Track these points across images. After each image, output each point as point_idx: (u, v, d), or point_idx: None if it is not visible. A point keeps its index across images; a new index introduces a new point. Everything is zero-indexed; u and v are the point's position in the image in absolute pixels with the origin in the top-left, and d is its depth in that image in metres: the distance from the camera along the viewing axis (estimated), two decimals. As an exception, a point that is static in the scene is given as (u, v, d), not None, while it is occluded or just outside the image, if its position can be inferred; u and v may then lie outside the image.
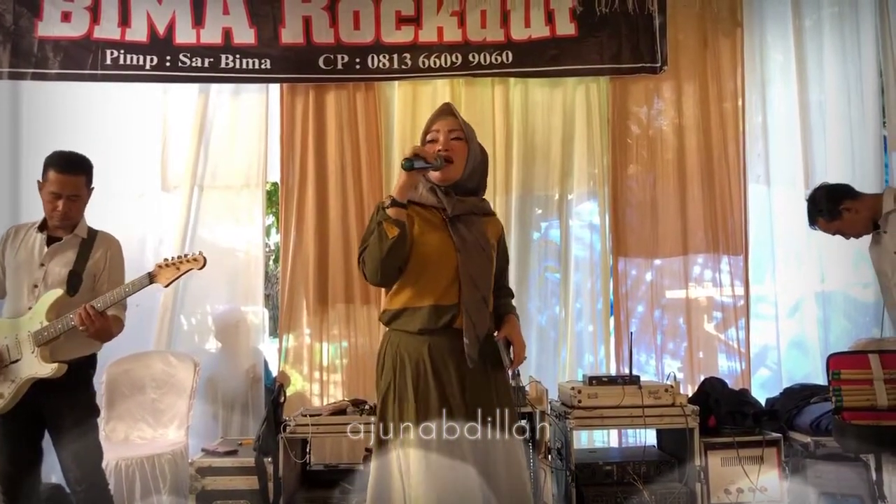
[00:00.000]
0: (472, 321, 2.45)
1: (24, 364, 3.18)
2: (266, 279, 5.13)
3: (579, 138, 4.96)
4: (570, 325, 4.89)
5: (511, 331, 2.61)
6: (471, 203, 2.62)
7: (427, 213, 2.57)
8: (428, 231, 2.53)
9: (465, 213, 2.58)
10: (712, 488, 3.82)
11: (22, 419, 3.22)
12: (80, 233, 3.36)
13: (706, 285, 4.93)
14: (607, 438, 4.79)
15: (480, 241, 2.55)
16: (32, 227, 3.38)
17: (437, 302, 2.49)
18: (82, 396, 3.32)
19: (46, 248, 3.31)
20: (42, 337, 3.16)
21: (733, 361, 4.80)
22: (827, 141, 4.91)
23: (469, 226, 2.56)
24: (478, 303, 2.48)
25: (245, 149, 4.92)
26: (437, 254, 2.50)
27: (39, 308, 3.19)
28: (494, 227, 2.71)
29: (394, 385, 2.49)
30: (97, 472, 3.31)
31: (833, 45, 5.00)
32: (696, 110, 4.93)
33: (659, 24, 4.84)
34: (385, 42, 4.83)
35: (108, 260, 3.37)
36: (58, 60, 4.72)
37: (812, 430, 3.94)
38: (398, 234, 2.39)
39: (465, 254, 2.50)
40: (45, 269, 3.28)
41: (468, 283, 2.48)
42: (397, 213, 2.42)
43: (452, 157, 2.55)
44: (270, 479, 3.82)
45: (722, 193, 4.87)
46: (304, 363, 4.82)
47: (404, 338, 2.53)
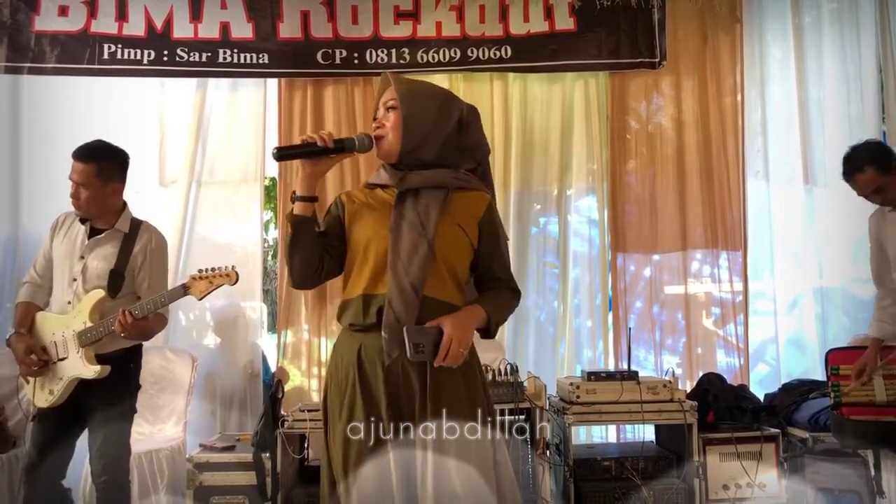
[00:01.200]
0: (393, 312, 2.08)
1: (70, 363, 3.16)
2: (265, 275, 5.12)
3: (578, 134, 4.96)
4: (569, 320, 4.89)
5: (448, 320, 2.12)
6: (431, 175, 2.24)
7: (385, 195, 2.28)
8: (368, 212, 2.25)
9: (423, 187, 2.22)
10: (710, 484, 3.82)
11: (61, 415, 3.21)
12: (121, 227, 3.29)
13: (705, 281, 4.93)
14: (605, 434, 4.79)
15: (423, 218, 2.16)
16: (77, 216, 3.33)
17: (367, 291, 2.17)
18: (122, 392, 3.27)
19: (87, 241, 3.27)
20: (87, 338, 3.12)
21: (732, 357, 4.80)
22: (826, 137, 4.91)
23: (419, 200, 2.19)
24: (403, 289, 2.09)
25: (243, 144, 4.91)
26: (369, 237, 2.20)
27: (83, 307, 3.16)
28: (473, 203, 2.28)
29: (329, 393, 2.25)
30: (120, 468, 3.26)
31: (832, 41, 5.00)
32: (695, 106, 4.92)
33: (658, 20, 4.83)
34: (383, 37, 4.82)
35: (147, 255, 3.28)
36: (54, 55, 4.70)
37: (810, 425, 3.95)
38: (293, 231, 2.18)
39: (395, 234, 2.15)
40: (83, 263, 3.23)
41: (395, 267, 2.11)
42: (301, 207, 2.18)
43: (383, 132, 2.23)
44: (268, 474, 3.81)
45: (721, 189, 4.86)
46: (303, 359, 4.82)
47: (343, 337, 2.26)
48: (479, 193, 2.31)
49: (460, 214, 2.23)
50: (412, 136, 2.21)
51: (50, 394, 3.19)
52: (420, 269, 2.12)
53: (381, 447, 2.09)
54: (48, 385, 3.20)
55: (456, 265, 2.22)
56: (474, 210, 2.27)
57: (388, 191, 2.27)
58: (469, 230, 2.24)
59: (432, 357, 2.08)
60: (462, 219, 2.23)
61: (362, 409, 2.12)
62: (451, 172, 2.27)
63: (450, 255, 2.20)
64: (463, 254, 2.24)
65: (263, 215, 5.04)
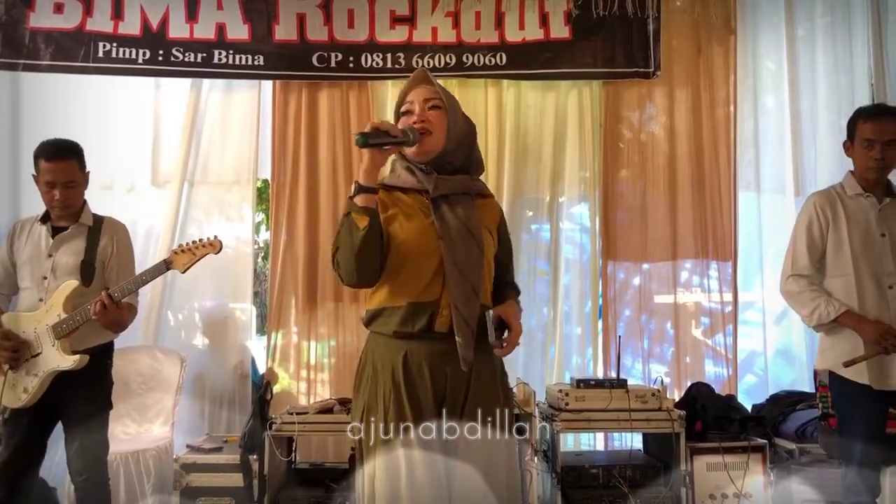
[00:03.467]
0: (462, 317, 2.11)
1: (46, 357, 3.15)
2: (255, 276, 5.11)
3: (571, 141, 4.97)
4: (559, 326, 4.89)
5: (508, 311, 2.23)
6: (459, 182, 2.26)
7: (407, 198, 2.25)
8: (405, 218, 2.21)
9: (453, 193, 2.23)
10: (697, 493, 3.83)
11: (34, 413, 3.20)
12: (85, 221, 3.34)
13: (694, 290, 4.94)
14: (593, 442, 4.80)
15: (469, 224, 2.19)
16: (35, 220, 3.36)
17: (416, 299, 2.16)
18: (97, 388, 3.29)
19: (52, 239, 3.29)
20: (62, 329, 3.13)
21: (720, 367, 4.81)
22: (817, 149, 4.93)
23: (455, 207, 2.21)
24: (468, 295, 2.13)
25: (236, 145, 4.90)
26: (417, 243, 2.17)
27: (56, 300, 3.17)
28: (491, 210, 2.36)
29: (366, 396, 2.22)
30: (99, 465, 3.28)
31: (825, 54, 5.03)
32: (688, 116, 4.94)
33: (653, 30, 4.85)
34: (379, 41, 4.83)
35: (115, 245, 3.35)
36: (49, 52, 4.68)
37: (797, 436, 3.97)
38: (369, 224, 2.07)
39: (448, 240, 2.15)
40: (52, 260, 3.26)
41: (455, 274, 2.13)
42: (365, 199, 2.10)
43: (430, 128, 2.22)
44: (255, 476, 3.80)
45: (712, 199, 4.88)
46: (292, 361, 4.81)
47: (381, 342, 2.23)
48: (494, 200, 2.41)
49: (486, 220, 2.30)
50: (453, 137, 2.26)
51: (24, 392, 3.16)
52: (478, 274, 2.18)
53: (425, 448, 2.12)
54: (21, 383, 3.18)
55: (492, 268, 2.30)
56: (494, 216, 2.37)
57: (412, 196, 2.26)
58: (494, 236, 2.33)
59: (502, 343, 2.19)
60: (489, 224, 2.32)
61: (409, 412, 2.14)
62: (471, 179, 2.34)
63: (490, 259, 2.29)
64: (492, 255, 2.31)
65: (255, 217, 5.03)
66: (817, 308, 3.17)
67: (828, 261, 3.26)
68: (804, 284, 3.24)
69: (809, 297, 3.21)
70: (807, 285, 3.24)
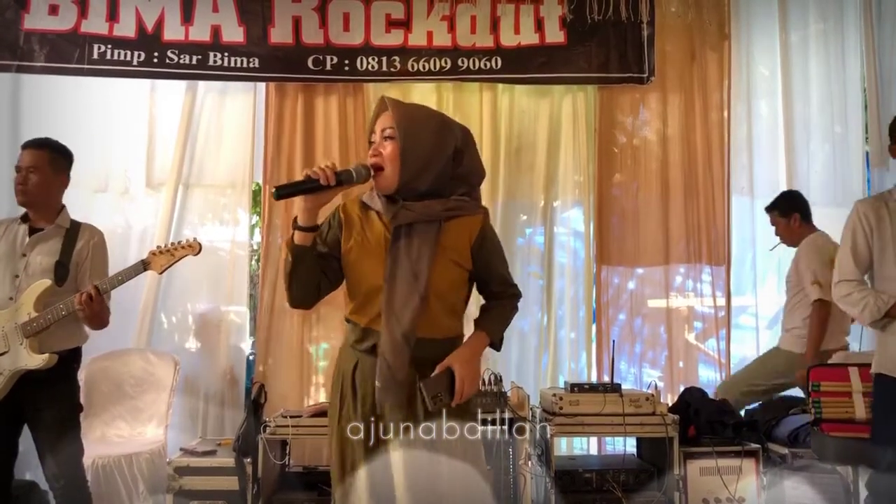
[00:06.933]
0: (387, 363, 2.15)
1: (12, 356, 3.12)
2: (250, 280, 5.09)
3: (565, 146, 4.99)
4: (553, 331, 4.90)
5: (457, 360, 2.21)
6: (423, 208, 2.22)
7: (377, 223, 2.29)
8: (363, 252, 2.26)
9: (417, 221, 2.22)
10: (691, 497, 3.83)
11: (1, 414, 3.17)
12: (62, 223, 3.33)
13: (688, 295, 4.95)
14: (587, 446, 4.80)
15: (416, 267, 2.18)
16: (14, 220, 3.35)
17: (367, 325, 2.25)
18: (65, 391, 3.26)
19: (28, 239, 3.28)
20: (31, 328, 3.11)
21: (713, 372, 4.83)
22: (810, 155, 4.97)
23: (413, 241, 2.21)
24: (396, 344, 2.14)
25: (231, 148, 4.90)
26: (368, 279, 2.24)
27: (27, 298, 3.15)
28: (465, 229, 2.28)
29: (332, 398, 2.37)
30: (76, 468, 3.25)
31: (818, 60, 5.07)
32: (682, 121, 4.97)
33: (647, 35, 4.87)
34: (374, 44, 4.83)
35: (90, 249, 3.32)
36: (44, 53, 4.67)
37: (790, 441, 3.97)
38: (293, 262, 2.20)
39: (390, 285, 2.18)
40: (26, 259, 3.24)
41: (389, 321, 2.16)
42: (302, 237, 2.19)
43: (381, 163, 2.21)
44: (249, 479, 3.79)
45: (706, 204, 4.90)
46: (284, 364, 4.78)
47: (346, 349, 2.35)
48: (470, 218, 2.31)
49: (452, 248, 2.26)
50: (409, 168, 2.21)
51: None
52: (411, 321, 2.16)
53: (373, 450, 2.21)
54: None
55: (451, 298, 2.30)
56: (466, 237, 2.29)
57: (382, 220, 2.28)
58: (463, 260, 2.29)
59: (450, 399, 2.17)
60: (455, 252, 2.26)
61: (358, 415, 2.24)
62: (443, 203, 2.26)
63: (444, 292, 2.26)
64: (459, 285, 2.32)
65: (250, 220, 5.02)
66: (867, 305, 3.07)
67: (874, 266, 3.22)
68: (853, 286, 3.17)
69: (859, 297, 3.14)
70: (855, 286, 3.17)
